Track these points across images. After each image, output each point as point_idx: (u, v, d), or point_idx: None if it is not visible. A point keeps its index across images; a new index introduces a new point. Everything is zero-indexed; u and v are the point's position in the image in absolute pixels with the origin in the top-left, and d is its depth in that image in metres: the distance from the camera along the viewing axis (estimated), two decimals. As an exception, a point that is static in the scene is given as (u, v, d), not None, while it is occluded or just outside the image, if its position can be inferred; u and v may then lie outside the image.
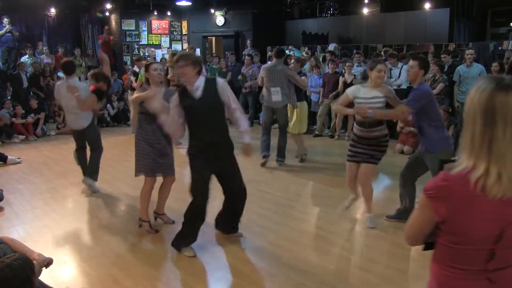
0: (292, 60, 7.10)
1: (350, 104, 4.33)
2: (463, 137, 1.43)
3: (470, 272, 1.46)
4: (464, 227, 1.41)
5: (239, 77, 9.99)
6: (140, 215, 4.33)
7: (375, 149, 4.20)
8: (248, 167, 6.58)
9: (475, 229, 1.40)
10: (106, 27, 13.60)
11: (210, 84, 3.66)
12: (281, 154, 6.68)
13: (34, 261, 2.46)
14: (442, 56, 8.35)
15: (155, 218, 4.47)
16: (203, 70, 4.58)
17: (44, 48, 12.03)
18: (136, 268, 3.56)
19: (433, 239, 1.53)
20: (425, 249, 1.58)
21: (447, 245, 1.48)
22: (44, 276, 2.87)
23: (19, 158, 7.05)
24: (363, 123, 4.16)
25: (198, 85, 3.61)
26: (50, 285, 2.91)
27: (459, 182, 1.39)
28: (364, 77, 4.85)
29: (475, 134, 1.38)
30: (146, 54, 14.35)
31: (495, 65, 7.03)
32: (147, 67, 4.15)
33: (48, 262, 2.75)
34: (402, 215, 4.33)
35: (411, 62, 4.14)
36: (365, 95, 4.17)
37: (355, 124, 4.35)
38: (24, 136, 8.78)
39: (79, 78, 8.00)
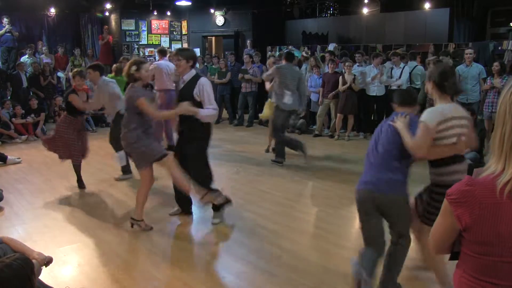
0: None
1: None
2: (492, 140, 1.33)
3: (500, 287, 1.32)
4: (488, 236, 1.29)
5: (239, 76, 10.00)
6: (136, 216, 4.29)
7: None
8: (248, 167, 6.60)
9: (501, 239, 1.28)
10: (106, 27, 13.60)
11: (193, 80, 4.12)
12: (278, 154, 6.72)
13: (34, 261, 2.45)
14: (440, 58, 8.35)
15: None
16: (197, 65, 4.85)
17: (44, 48, 12.03)
18: (135, 268, 3.56)
19: (460, 248, 1.41)
20: (452, 258, 1.46)
21: (472, 255, 1.36)
22: (44, 275, 2.87)
23: (19, 158, 7.05)
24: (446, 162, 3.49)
25: (185, 78, 4.15)
26: (50, 284, 2.91)
27: (484, 187, 1.28)
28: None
29: (505, 136, 1.28)
30: (147, 54, 14.37)
31: (495, 65, 7.03)
32: (138, 67, 4.17)
33: (48, 261, 2.75)
34: None
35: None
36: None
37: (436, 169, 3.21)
38: (26, 136, 8.78)
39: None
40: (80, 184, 5.67)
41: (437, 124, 2.73)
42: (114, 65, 8.08)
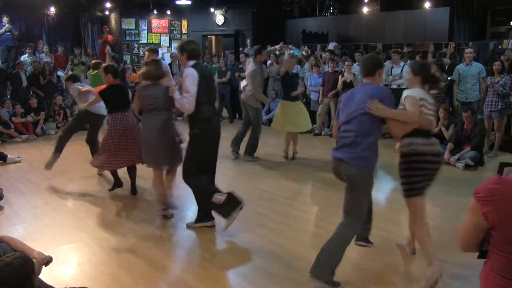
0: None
1: None
2: None
3: None
4: None
5: (236, 74, 10.00)
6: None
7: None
8: (248, 166, 6.60)
9: None
10: (105, 27, 13.60)
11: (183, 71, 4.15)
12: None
13: (34, 260, 2.46)
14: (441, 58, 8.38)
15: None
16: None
17: (45, 47, 12.02)
18: (135, 267, 3.56)
19: (488, 247, 1.40)
20: (480, 257, 1.44)
21: (499, 253, 1.35)
22: (44, 274, 2.87)
23: (19, 157, 7.05)
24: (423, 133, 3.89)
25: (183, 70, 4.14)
26: (50, 284, 2.92)
27: None
28: None
29: None
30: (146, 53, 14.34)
31: (498, 64, 7.01)
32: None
33: (48, 261, 2.75)
34: None
35: None
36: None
37: (412, 139, 3.79)
38: (26, 136, 8.79)
39: (79, 77, 8.00)
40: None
41: (419, 99, 3.20)
42: (94, 61, 8.15)
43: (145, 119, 4.47)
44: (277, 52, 9.19)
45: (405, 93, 3.32)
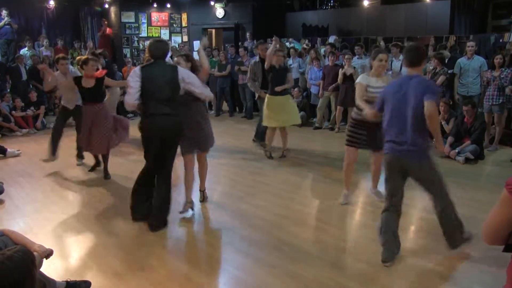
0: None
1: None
2: None
3: None
4: None
5: (235, 68, 9.98)
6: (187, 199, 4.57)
7: (376, 132, 4.24)
8: (248, 160, 6.60)
9: None
10: (104, 20, 13.54)
11: None
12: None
13: (35, 253, 2.46)
14: (440, 51, 8.33)
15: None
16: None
17: (45, 41, 11.96)
18: (136, 260, 3.57)
19: None
20: (506, 250, 1.41)
21: None
22: (45, 268, 2.89)
23: (18, 150, 7.06)
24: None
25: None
26: (50, 277, 2.93)
27: None
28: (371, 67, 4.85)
29: None
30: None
31: (499, 57, 6.98)
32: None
33: (48, 254, 2.76)
34: None
35: None
36: (375, 84, 4.31)
37: (354, 109, 4.56)
38: (26, 130, 8.79)
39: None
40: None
41: None
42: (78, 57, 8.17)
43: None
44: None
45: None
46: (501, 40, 10.34)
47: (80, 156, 6.47)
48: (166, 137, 4.06)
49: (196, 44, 13.96)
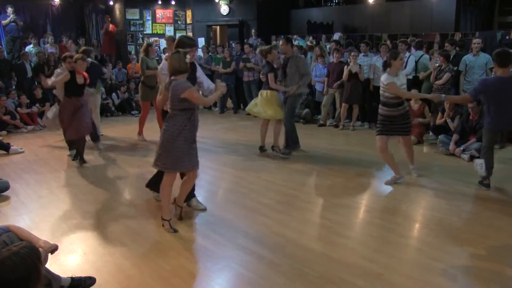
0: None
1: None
2: None
3: None
4: None
5: (240, 65, 9.97)
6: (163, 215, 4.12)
7: (403, 123, 5.22)
8: (252, 157, 6.60)
9: None
10: (108, 17, 13.53)
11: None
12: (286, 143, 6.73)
13: (40, 249, 2.48)
14: (445, 45, 8.27)
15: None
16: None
17: (51, 38, 11.99)
18: (141, 257, 3.59)
19: None
20: None
21: None
22: (50, 264, 2.90)
23: (21, 149, 7.07)
24: (386, 104, 5.15)
25: None
26: (56, 272, 2.95)
27: None
28: (386, 66, 5.24)
29: None
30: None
31: None
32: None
33: (53, 249, 2.78)
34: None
35: None
36: (397, 81, 5.06)
37: (380, 106, 5.27)
38: (32, 126, 8.83)
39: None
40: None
41: None
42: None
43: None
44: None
45: None
46: (507, 37, 10.28)
47: (71, 148, 6.50)
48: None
49: (201, 41, 13.97)
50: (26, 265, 2.04)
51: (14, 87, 10.09)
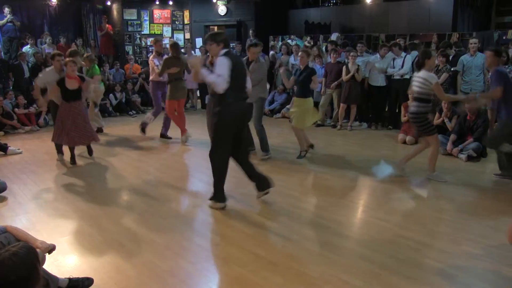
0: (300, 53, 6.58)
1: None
2: None
3: None
4: None
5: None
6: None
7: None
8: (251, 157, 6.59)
9: None
10: (105, 17, 13.51)
11: None
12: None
13: (38, 249, 2.47)
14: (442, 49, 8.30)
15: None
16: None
17: (48, 38, 11.97)
18: (139, 257, 3.58)
19: None
20: None
21: None
22: (48, 264, 2.89)
23: (19, 149, 7.05)
24: (421, 100, 5.24)
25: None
26: (53, 273, 2.94)
27: None
28: (419, 66, 5.36)
29: None
30: (148, 43, 14.34)
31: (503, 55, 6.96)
32: None
33: (51, 249, 2.77)
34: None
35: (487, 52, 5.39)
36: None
37: (417, 103, 5.29)
38: (29, 127, 8.80)
39: (81, 68, 8.01)
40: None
41: None
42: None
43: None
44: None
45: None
46: (504, 37, 10.30)
47: (60, 152, 6.44)
48: (245, 120, 4.60)
49: (199, 41, 13.96)
50: (25, 265, 2.04)
51: (11, 87, 10.06)
